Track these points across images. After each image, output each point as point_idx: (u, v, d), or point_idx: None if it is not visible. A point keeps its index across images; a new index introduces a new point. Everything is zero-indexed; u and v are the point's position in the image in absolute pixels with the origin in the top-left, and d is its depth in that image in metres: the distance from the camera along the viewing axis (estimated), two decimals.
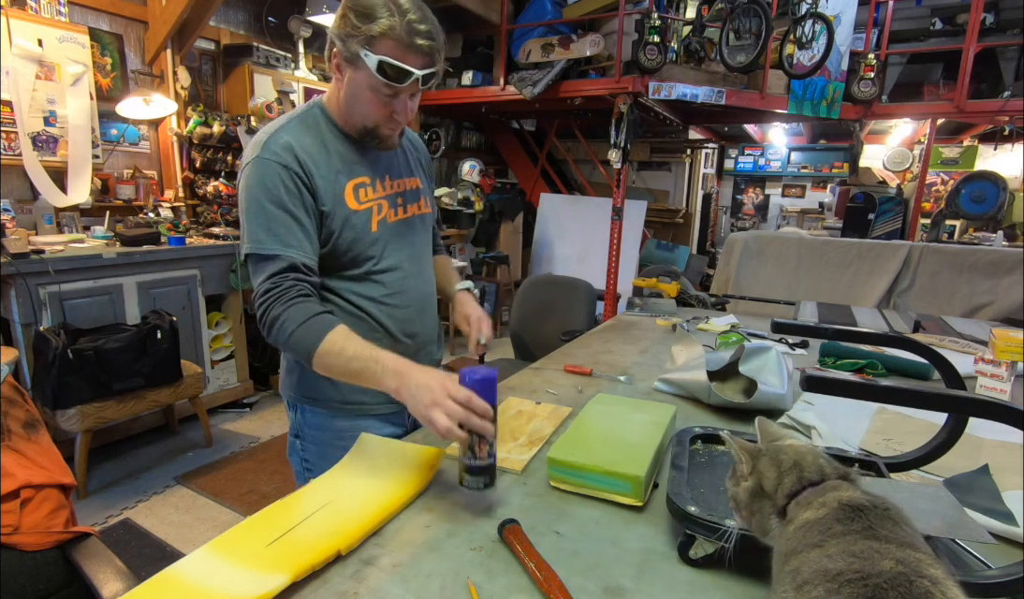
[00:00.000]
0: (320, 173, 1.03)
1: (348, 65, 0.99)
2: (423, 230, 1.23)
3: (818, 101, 4.73)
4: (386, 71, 0.96)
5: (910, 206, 5.64)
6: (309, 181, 1.02)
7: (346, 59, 0.99)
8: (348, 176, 1.07)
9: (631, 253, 5.25)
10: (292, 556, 0.70)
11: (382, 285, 1.12)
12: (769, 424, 0.65)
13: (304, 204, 1.01)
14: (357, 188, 1.08)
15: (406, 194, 1.17)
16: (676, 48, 4.60)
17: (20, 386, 1.35)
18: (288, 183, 1.00)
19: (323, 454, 1.15)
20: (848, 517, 0.48)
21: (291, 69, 4.13)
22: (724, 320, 2.09)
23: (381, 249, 1.11)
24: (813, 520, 0.50)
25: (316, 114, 1.09)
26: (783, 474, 0.56)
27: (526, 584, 0.68)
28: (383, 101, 1.01)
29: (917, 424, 1.16)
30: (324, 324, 0.95)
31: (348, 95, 1.03)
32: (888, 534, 0.45)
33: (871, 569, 0.41)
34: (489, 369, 0.83)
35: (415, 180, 1.21)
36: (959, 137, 6.85)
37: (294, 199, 1.00)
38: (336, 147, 1.07)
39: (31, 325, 2.51)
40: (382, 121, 1.05)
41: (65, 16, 3.03)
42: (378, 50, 0.95)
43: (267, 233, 0.98)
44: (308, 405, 1.17)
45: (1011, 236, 5.50)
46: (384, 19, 0.93)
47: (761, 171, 8.56)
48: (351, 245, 1.07)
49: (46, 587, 1.10)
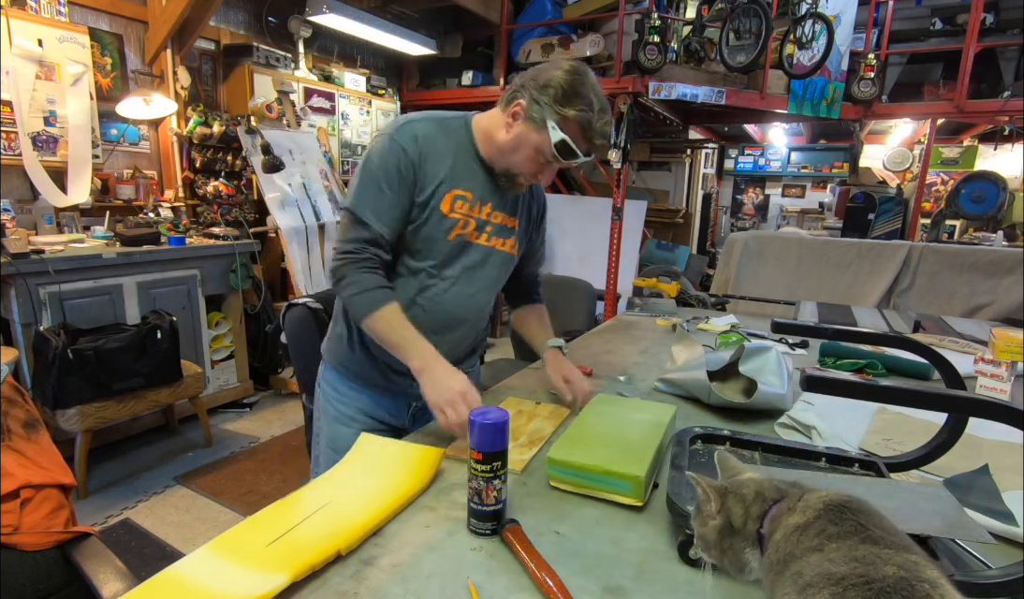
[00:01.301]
0: (432, 169, 1.13)
1: (528, 121, 1.09)
2: (495, 266, 1.26)
3: (818, 101, 4.73)
4: (563, 150, 1.08)
5: (910, 206, 5.63)
6: (421, 171, 1.12)
7: (529, 117, 1.09)
8: (453, 185, 1.15)
9: (631, 253, 5.25)
10: (292, 556, 0.70)
11: (424, 286, 1.18)
12: (728, 457, 0.65)
13: (408, 190, 1.12)
14: (456, 199, 1.16)
15: (497, 227, 1.23)
16: (676, 48, 4.60)
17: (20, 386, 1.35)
18: (403, 167, 1.10)
19: (324, 409, 1.31)
20: (838, 517, 0.49)
21: (291, 69, 4.13)
22: (724, 320, 2.10)
23: (444, 257, 1.18)
24: (803, 523, 0.50)
25: (460, 127, 1.18)
26: (748, 506, 0.56)
27: (526, 584, 0.68)
28: (539, 163, 1.13)
29: (917, 424, 1.16)
30: (381, 297, 1.09)
31: (512, 143, 1.12)
32: (883, 536, 0.46)
33: (875, 574, 0.42)
34: (502, 411, 0.80)
35: (514, 220, 1.26)
36: (959, 137, 6.85)
37: (403, 183, 1.11)
38: (462, 160, 1.17)
39: (31, 325, 2.51)
40: (528, 175, 1.15)
41: (65, 16, 3.03)
42: (564, 129, 1.07)
43: (370, 201, 1.10)
44: (328, 362, 1.32)
45: (1011, 236, 5.50)
46: (582, 109, 1.07)
47: (761, 171, 8.57)
48: (423, 240, 1.16)
49: (46, 587, 1.10)
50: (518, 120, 1.12)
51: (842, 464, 0.93)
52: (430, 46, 4.76)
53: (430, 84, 5.49)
